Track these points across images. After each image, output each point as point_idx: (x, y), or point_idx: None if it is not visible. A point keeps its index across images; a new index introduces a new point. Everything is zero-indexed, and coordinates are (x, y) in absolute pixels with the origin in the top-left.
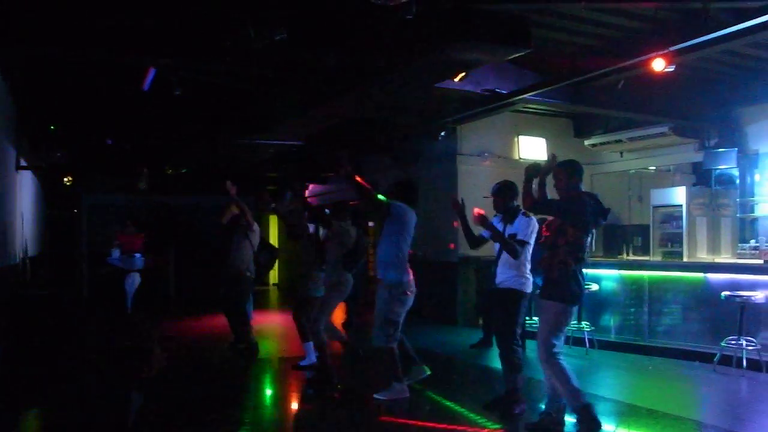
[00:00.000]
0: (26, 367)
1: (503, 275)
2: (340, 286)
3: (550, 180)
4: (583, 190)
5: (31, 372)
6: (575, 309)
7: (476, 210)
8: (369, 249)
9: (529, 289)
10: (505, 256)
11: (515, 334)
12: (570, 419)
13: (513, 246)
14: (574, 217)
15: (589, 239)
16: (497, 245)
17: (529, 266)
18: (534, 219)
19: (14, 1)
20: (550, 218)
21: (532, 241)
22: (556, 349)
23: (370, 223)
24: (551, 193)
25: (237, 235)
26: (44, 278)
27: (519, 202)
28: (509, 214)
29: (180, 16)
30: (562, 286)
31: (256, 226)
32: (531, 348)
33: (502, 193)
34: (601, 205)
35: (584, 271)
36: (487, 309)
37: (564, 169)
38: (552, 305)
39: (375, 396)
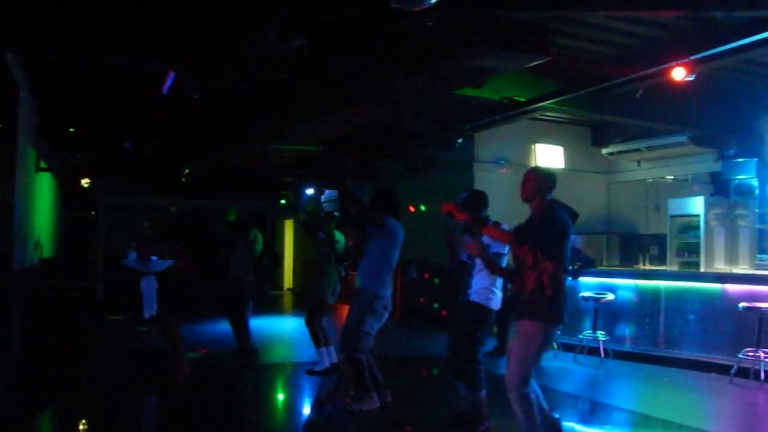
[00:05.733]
0: (43, 367)
1: (474, 288)
2: None
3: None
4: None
5: (48, 373)
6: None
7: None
8: None
9: (496, 305)
10: (477, 268)
11: (477, 351)
12: None
13: (497, 265)
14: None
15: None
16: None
17: (500, 281)
18: (506, 226)
19: (35, 6)
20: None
21: (506, 251)
22: (529, 379)
23: None
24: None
25: (239, 241)
26: (61, 280)
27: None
28: (477, 225)
29: (199, 21)
30: (554, 304)
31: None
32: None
33: (471, 203)
34: (571, 211)
35: (600, 280)
36: (455, 320)
37: (533, 176)
38: (538, 327)
39: (347, 408)
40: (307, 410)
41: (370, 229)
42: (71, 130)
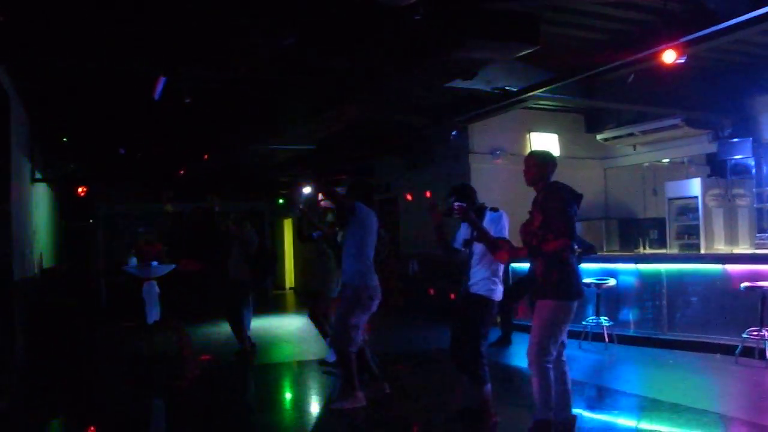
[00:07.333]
0: (48, 377)
1: (474, 279)
2: None
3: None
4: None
5: (53, 382)
6: (575, 307)
7: (457, 204)
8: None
9: (498, 296)
10: (476, 258)
11: (479, 345)
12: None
13: (497, 244)
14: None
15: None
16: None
17: (501, 270)
18: (503, 212)
19: (25, 11)
20: (526, 222)
21: (507, 234)
22: (549, 353)
23: None
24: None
25: (235, 243)
26: (61, 289)
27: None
28: (476, 215)
29: (190, 24)
30: (563, 284)
31: (254, 236)
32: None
33: (463, 199)
34: (574, 192)
35: (601, 266)
36: (457, 313)
37: (534, 160)
38: (551, 304)
39: (332, 406)
40: (309, 408)
41: (348, 219)
42: (64, 139)
